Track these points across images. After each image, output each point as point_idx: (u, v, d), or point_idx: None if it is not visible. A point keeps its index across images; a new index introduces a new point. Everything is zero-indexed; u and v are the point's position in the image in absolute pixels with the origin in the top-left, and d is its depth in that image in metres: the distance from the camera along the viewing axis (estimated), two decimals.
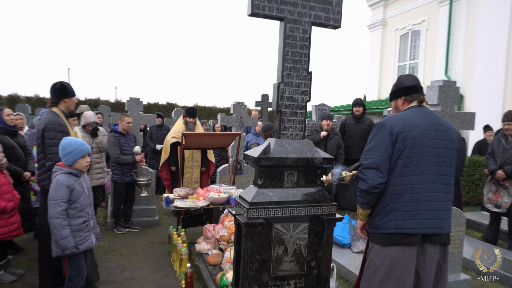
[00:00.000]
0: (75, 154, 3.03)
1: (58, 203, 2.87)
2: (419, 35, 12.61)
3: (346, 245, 4.43)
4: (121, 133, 5.43)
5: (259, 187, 2.69)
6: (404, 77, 2.47)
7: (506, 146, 5.06)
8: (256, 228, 2.59)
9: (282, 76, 2.71)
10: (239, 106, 6.66)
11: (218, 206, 4.57)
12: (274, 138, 2.78)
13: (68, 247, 2.87)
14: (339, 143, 6.46)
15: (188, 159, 5.92)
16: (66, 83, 3.63)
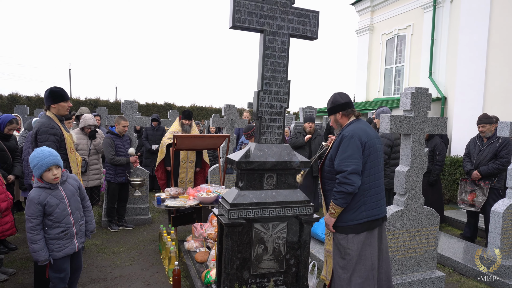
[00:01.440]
0: (38, 168, 2.81)
1: (29, 219, 2.78)
2: (404, 39, 12.71)
3: None
4: (117, 135, 5.47)
5: (240, 189, 2.76)
6: (338, 95, 2.89)
7: (481, 147, 5.15)
8: (237, 228, 2.66)
9: (262, 84, 2.77)
10: (230, 108, 6.71)
11: (208, 205, 4.63)
12: (255, 143, 2.84)
13: (39, 260, 2.80)
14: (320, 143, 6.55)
15: (183, 159, 5.96)
16: (56, 89, 3.58)
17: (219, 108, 25.76)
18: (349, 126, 2.82)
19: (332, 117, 2.94)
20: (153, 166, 7.99)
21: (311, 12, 2.83)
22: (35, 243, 2.78)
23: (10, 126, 4.33)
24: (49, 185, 2.85)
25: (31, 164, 2.83)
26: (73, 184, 3.09)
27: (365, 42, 14.34)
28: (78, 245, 3.04)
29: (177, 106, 24.78)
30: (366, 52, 14.29)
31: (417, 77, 11.90)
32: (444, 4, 10.97)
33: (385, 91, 13.75)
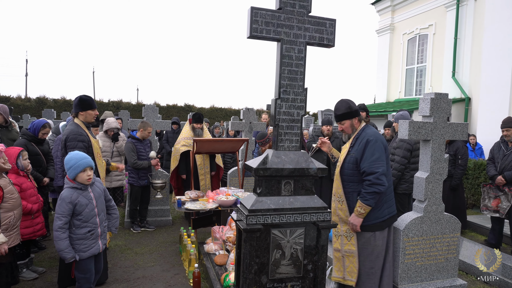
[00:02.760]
0: (74, 169, 3.02)
1: (59, 217, 2.94)
2: (426, 39, 12.46)
3: None
4: (138, 139, 5.62)
5: (258, 195, 2.80)
6: (351, 102, 3.12)
7: (506, 152, 5.02)
8: (255, 234, 2.70)
9: (279, 92, 2.81)
10: (249, 112, 6.78)
11: (227, 208, 4.70)
12: (272, 150, 2.89)
13: (67, 258, 2.94)
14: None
15: (200, 166, 5.89)
16: (85, 97, 3.81)
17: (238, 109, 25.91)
18: (366, 130, 3.06)
19: (347, 122, 3.12)
20: None
21: (327, 20, 2.85)
22: (62, 241, 2.94)
23: (43, 131, 4.55)
24: (81, 185, 3.06)
25: (66, 166, 3.04)
26: (99, 187, 3.31)
27: (386, 42, 14.14)
28: (102, 246, 3.20)
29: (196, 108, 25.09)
30: (387, 52, 14.09)
31: (440, 77, 11.65)
32: (468, 2, 10.69)
33: (406, 91, 13.52)
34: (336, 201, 3.16)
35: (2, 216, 3.24)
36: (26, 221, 3.72)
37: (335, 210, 3.17)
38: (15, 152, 3.65)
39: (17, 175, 3.68)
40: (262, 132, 4.98)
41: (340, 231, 3.17)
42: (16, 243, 3.38)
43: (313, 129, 7.23)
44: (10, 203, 3.30)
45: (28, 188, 3.78)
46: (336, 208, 3.17)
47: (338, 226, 3.19)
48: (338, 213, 3.14)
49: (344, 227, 3.13)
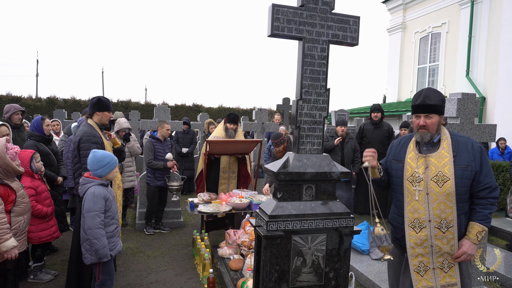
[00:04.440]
0: (111, 165, 3.10)
1: (97, 214, 2.94)
2: (439, 37, 12.23)
3: (365, 251, 4.37)
4: (158, 139, 5.55)
5: (278, 200, 2.69)
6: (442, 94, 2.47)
7: None
8: (275, 240, 2.59)
9: (301, 93, 2.69)
10: (261, 112, 6.67)
11: (240, 211, 4.60)
12: (293, 153, 2.77)
13: (107, 254, 2.96)
14: (355, 147, 6.37)
15: (224, 169, 5.66)
16: (104, 98, 3.78)
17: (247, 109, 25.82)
18: (455, 133, 2.43)
19: (436, 117, 2.33)
20: (183, 169, 8.12)
21: (351, 17, 2.72)
22: (104, 237, 2.94)
23: (45, 124, 4.46)
24: (107, 182, 3.11)
25: (101, 163, 3.06)
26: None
27: (397, 41, 13.92)
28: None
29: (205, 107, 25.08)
30: (398, 51, 13.87)
31: (453, 76, 11.42)
32: (484, 0, 10.44)
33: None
34: (433, 228, 2.34)
35: (12, 220, 3.17)
36: (42, 224, 3.69)
37: (428, 239, 2.36)
38: (28, 155, 3.59)
39: (32, 178, 3.63)
40: (277, 133, 4.85)
41: (430, 264, 2.38)
42: (23, 249, 3.32)
43: (327, 129, 7.10)
44: (21, 207, 3.23)
45: (43, 191, 3.73)
46: (431, 236, 2.35)
47: (419, 259, 2.40)
48: (434, 243, 2.35)
49: (438, 259, 2.38)
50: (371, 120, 6.80)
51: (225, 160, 5.60)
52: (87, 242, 2.98)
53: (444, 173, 2.27)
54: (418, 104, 2.37)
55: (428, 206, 2.30)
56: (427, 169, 2.32)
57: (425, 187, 2.29)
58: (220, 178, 5.67)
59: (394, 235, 2.57)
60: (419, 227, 2.35)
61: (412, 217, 2.36)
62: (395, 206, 2.57)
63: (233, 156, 5.61)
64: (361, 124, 7.19)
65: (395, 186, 2.54)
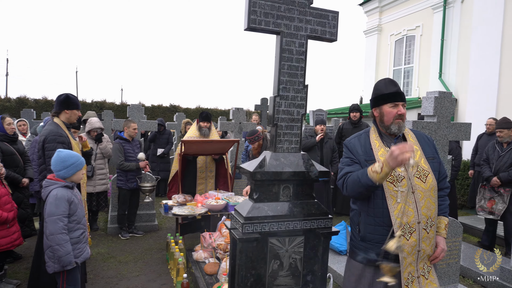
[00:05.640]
0: (76, 166, 2.90)
1: (60, 219, 2.73)
2: (413, 40, 12.48)
3: (343, 252, 4.32)
4: (127, 140, 5.35)
5: (255, 201, 2.58)
6: None
7: (501, 153, 4.93)
8: (251, 243, 2.48)
9: (278, 89, 2.60)
10: (238, 112, 6.55)
11: (216, 213, 4.47)
12: (270, 152, 2.67)
13: (72, 262, 2.76)
14: (334, 147, 6.36)
15: (201, 168, 5.50)
16: (72, 96, 3.59)
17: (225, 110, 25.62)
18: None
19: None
20: (158, 170, 7.90)
21: (330, 12, 2.65)
22: (68, 243, 2.74)
23: (5, 122, 4.18)
24: (72, 184, 2.91)
25: (66, 163, 2.86)
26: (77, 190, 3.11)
27: (373, 43, 14.12)
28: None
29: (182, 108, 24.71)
30: (374, 53, 14.07)
31: (427, 78, 11.66)
32: (455, 4, 10.73)
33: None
34: (421, 230, 2.04)
35: None
36: (2, 230, 3.43)
37: (416, 244, 2.03)
38: None
39: None
40: (252, 129, 4.75)
41: (415, 273, 2.08)
42: None
43: (304, 129, 7.06)
44: None
45: (2, 195, 3.47)
46: (419, 240, 2.03)
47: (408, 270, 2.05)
48: (421, 247, 2.05)
49: (420, 264, 2.09)
50: (350, 120, 6.82)
51: (202, 159, 5.45)
52: (50, 249, 2.76)
53: (422, 167, 2.09)
54: (396, 91, 2.12)
55: (416, 206, 2.02)
56: (406, 165, 2.00)
57: (409, 186, 2.02)
58: (198, 178, 5.51)
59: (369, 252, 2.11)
60: (409, 232, 2.01)
61: (402, 222, 2.00)
62: (369, 216, 2.10)
63: (209, 156, 5.46)
64: (340, 123, 7.19)
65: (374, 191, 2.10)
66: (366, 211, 2.13)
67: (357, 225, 2.21)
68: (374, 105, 2.21)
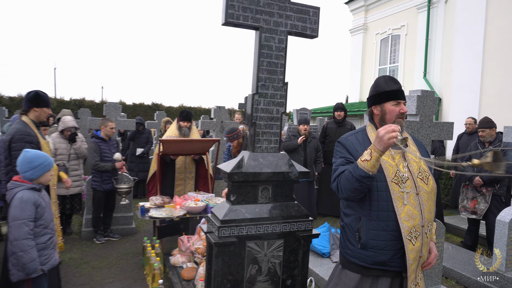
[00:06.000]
0: (43, 167, 2.78)
1: (25, 223, 2.60)
2: (398, 39, 12.64)
3: (325, 254, 4.30)
4: (103, 139, 5.20)
5: (232, 203, 2.52)
6: None
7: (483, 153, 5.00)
8: (228, 248, 2.42)
9: (257, 87, 2.54)
10: (220, 110, 6.47)
11: (195, 215, 4.39)
12: (248, 152, 2.61)
13: (38, 269, 2.63)
14: (318, 147, 6.36)
15: (179, 169, 5.39)
16: (42, 93, 3.47)
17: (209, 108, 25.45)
18: None
19: None
20: (137, 170, 7.76)
21: (311, 8, 2.61)
22: (33, 249, 2.61)
23: None
24: (39, 186, 2.79)
25: (32, 164, 2.75)
26: (46, 192, 2.98)
27: (359, 42, 14.25)
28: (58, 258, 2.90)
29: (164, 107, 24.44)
30: (360, 52, 14.19)
31: (412, 78, 11.83)
32: (439, 4, 10.91)
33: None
34: (424, 234, 1.95)
35: None
36: None
37: (420, 249, 1.94)
38: None
39: None
40: (232, 127, 4.68)
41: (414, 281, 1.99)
42: None
43: (288, 128, 7.04)
44: None
45: None
46: (422, 244, 1.95)
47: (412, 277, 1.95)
48: (423, 252, 1.96)
49: (417, 271, 2.00)
50: (334, 119, 6.82)
51: (181, 159, 5.35)
52: (14, 256, 2.63)
53: (423, 168, 2.03)
54: (398, 89, 2.06)
55: (420, 208, 1.94)
56: (409, 165, 2.00)
57: (413, 187, 1.94)
58: (176, 179, 5.40)
59: (373, 258, 1.96)
60: (415, 236, 1.92)
61: (408, 226, 1.90)
62: (371, 220, 1.95)
63: (189, 156, 5.37)
64: (325, 123, 7.20)
65: (377, 193, 1.94)
66: (367, 215, 1.97)
67: (356, 231, 2.01)
68: (374, 102, 2.11)
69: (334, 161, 2.12)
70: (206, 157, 5.45)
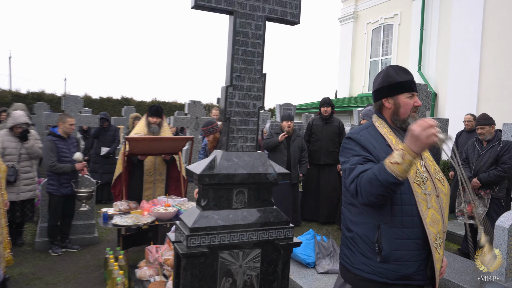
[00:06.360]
0: None
1: None
2: (391, 29, 12.81)
3: (310, 264, 4.30)
4: (61, 137, 5.06)
5: (203, 209, 2.47)
6: None
7: (481, 152, 5.09)
8: (198, 259, 2.37)
9: (231, 78, 2.50)
10: (195, 105, 6.40)
11: (166, 222, 4.31)
12: (221, 151, 2.56)
13: None
14: (302, 146, 6.36)
15: (149, 171, 5.27)
16: None
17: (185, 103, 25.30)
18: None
19: None
20: (102, 172, 7.61)
21: None
22: None
23: None
24: None
25: None
26: None
27: (349, 32, 14.37)
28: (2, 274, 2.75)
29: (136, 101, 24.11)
30: (350, 43, 14.32)
31: None
32: None
33: (370, 86, 13.81)
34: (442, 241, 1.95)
35: None
36: None
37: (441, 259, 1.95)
38: None
39: None
40: (209, 120, 4.60)
41: None
42: None
43: (271, 125, 7.03)
44: None
45: None
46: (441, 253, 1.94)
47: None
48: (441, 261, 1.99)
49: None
50: (320, 116, 6.83)
51: (150, 160, 5.25)
52: None
53: (438, 168, 2.03)
54: (411, 80, 2.02)
55: (441, 212, 1.90)
56: (426, 164, 1.96)
57: (433, 188, 1.90)
58: (145, 182, 5.30)
59: (397, 272, 1.87)
60: (439, 244, 1.88)
61: (434, 232, 1.84)
62: (394, 228, 1.86)
63: (159, 156, 5.28)
64: (310, 119, 7.20)
65: (400, 196, 1.85)
66: (388, 222, 1.86)
67: (375, 242, 1.88)
68: (386, 95, 2.05)
69: (345, 160, 2.00)
70: (178, 158, 5.37)
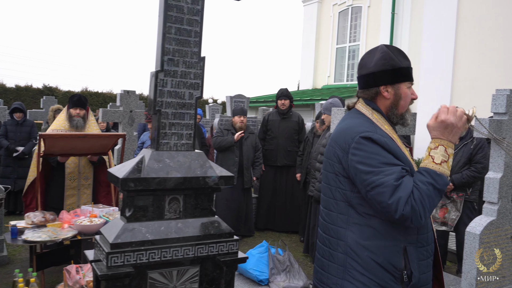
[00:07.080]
0: None
1: None
2: (360, 12, 13.17)
3: (263, 281, 4.34)
4: None
5: (128, 220, 2.40)
6: None
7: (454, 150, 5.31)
8: (121, 281, 2.29)
9: (162, 62, 2.44)
10: (129, 96, 6.22)
11: (90, 236, 4.17)
12: (151, 150, 2.49)
13: None
14: (256, 145, 6.38)
15: (71, 175, 5.09)
16: None
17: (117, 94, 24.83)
18: None
19: None
20: (15, 177, 7.34)
21: None
22: None
23: None
24: None
25: None
26: None
27: (313, 14, 14.61)
28: None
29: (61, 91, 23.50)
30: (314, 27, 14.57)
31: None
32: None
33: (336, 76, 14.14)
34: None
35: None
36: None
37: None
38: None
39: None
40: None
41: None
42: None
43: (220, 120, 6.99)
44: None
45: None
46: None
47: None
48: None
49: None
50: (277, 110, 6.86)
51: (73, 161, 5.05)
52: None
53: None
54: (410, 67, 1.97)
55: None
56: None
57: None
58: (67, 188, 5.10)
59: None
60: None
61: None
62: (419, 248, 1.81)
63: (84, 157, 5.10)
64: (265, 114, 7.22)
65: None
66: (415, 241, 1.78)
67: (402, 270, 1.76)
68: (387, 81, 1.90)
69: (371, 170, 1.70)
70: (108, 158, 5.22)
